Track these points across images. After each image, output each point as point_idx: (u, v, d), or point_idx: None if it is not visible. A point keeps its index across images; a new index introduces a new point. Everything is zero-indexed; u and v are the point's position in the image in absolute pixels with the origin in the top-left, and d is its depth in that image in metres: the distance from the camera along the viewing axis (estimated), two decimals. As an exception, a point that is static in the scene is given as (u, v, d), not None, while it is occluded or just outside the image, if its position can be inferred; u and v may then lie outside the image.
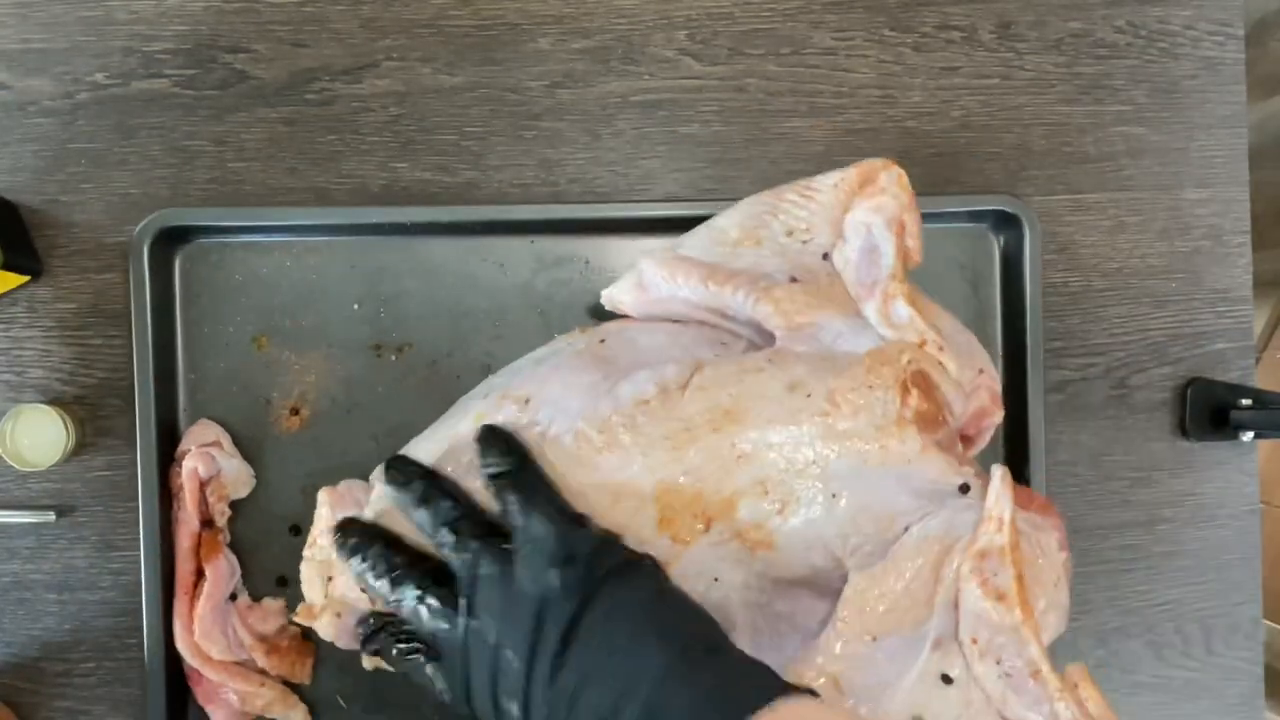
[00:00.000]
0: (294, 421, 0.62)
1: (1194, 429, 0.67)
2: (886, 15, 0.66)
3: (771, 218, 0.56)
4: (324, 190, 0.63)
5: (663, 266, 0.56)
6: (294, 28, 0.64)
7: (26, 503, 0.62)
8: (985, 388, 0.55)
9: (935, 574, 0.49)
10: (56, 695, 0.63)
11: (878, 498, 0.50)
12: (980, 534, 0.49)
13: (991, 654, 0.48)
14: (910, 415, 0.49)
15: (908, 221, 0.54)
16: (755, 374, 0.51)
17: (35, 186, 0.62)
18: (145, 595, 0.60)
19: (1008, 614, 0.48)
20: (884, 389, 0.49)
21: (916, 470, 0.49)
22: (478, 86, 0.64)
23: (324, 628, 0.51)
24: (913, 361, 0.50)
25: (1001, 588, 0.48)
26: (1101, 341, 0.67)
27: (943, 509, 0.50)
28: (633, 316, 0.58)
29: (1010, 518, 0.48)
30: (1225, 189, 0.68)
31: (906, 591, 0.49)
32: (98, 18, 0.63)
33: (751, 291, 0.53)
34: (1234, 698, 0.68)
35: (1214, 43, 0.67)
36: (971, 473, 0.51)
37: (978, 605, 0.48)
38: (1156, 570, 0.67)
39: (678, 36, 0.65)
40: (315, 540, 0.53)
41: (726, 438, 0.49)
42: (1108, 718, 0.48)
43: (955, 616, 0.49)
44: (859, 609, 0.49)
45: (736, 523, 0.50)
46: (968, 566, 0.48)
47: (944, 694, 0.49)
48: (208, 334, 0.62)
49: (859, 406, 0.49)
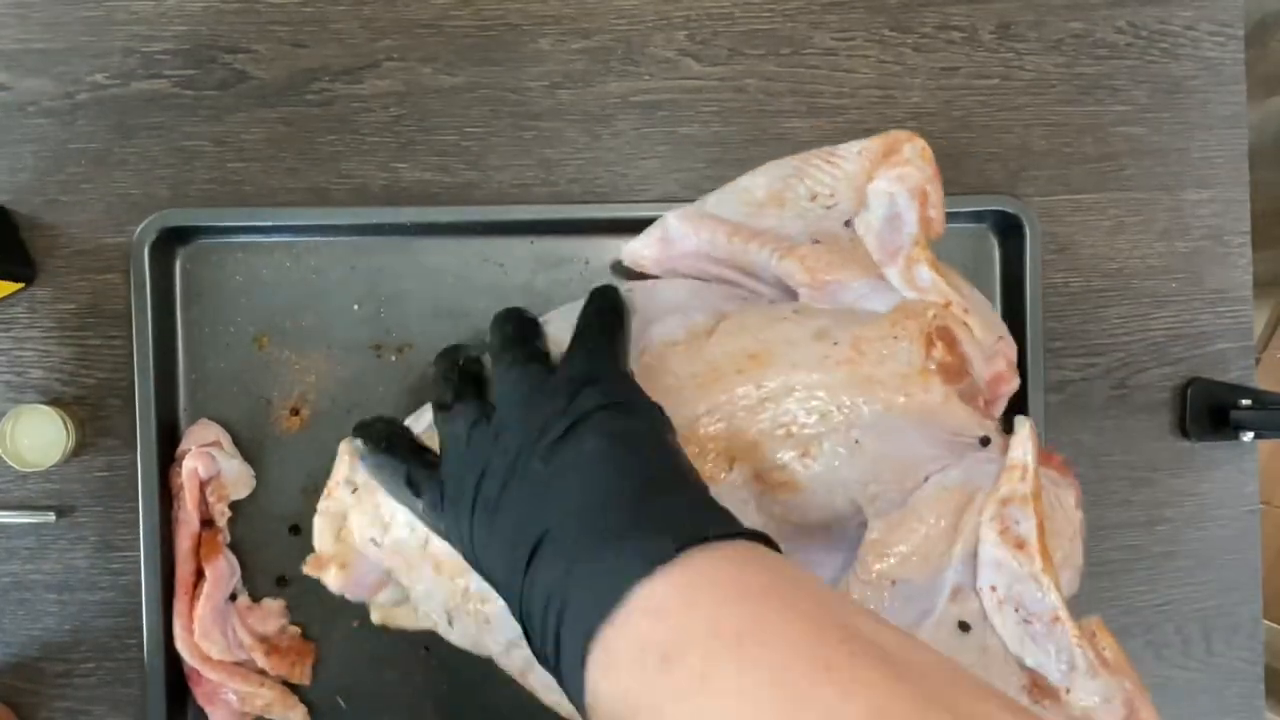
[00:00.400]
0: (294, 422, 0.62)
1: (1194, 429, 0.67)
2: (886, 15, 0.66)
3: (797, 181, 0.56)
4: (324, 190, 0.63)
5: (688, 221, 0.56)
6: (294, 28, 0.64)
7: (26, 503, 0.62)
8: (1003, 354, 0.55)
9: (955, 523, 0.50)
10: (56, 695, 0.63)
11: (899, 446, 0.50)
12: (1003, 482, 0.49)
13: (1010, 602, 0.49)
14: (934, 366, 0.50)
15: (930, 192, 0.55)
16: (782, 321, 0.52)
17: (35, 187, 0.62)
18: (145, 595, 0.60)
19: (1028, 561, 0.48)
20: (909, 340, 0.50)
21: (939, 420, 0.50)
22: (478, 86, 0.64)
23: (332, 578, 0.53)
24: (938, 316, 0.51)
25: (1022, 535, 0.48)
26: (1101, 341, 0.67)
27: (962, 460, 0.51)
28: (653, 273, 0.59)
29: (1035, 467, 0.49)
30: (1225, 189, 0.68)
31: (926, 539, 0.49)
32: (98, 18, 0.63)
33: (777, 249, 0.54)
34: (1234, 698, 0.68)
35: (1214, 43, 0.67)
36: (992, 426, 0.51)
37: (998, 553, 0.48)
38: (1156, 570, 0.67)
39: (678, 37, 0.65)
40: (331, 492, 0.54)
41: (752, 380, 0.50)
42: (1124, 666, 0.48)
43: (974, 566, 0.50)
44: (879, 554, 0.50)
45: (760, 464, 0.50)
46: (989, 513, 0.49)
47: (961, 641, 0.49)
48: (208, 334, 0.62)
49: (884, 355, 0.49)
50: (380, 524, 0.52)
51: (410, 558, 0.52)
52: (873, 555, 0.50)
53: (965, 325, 0.52)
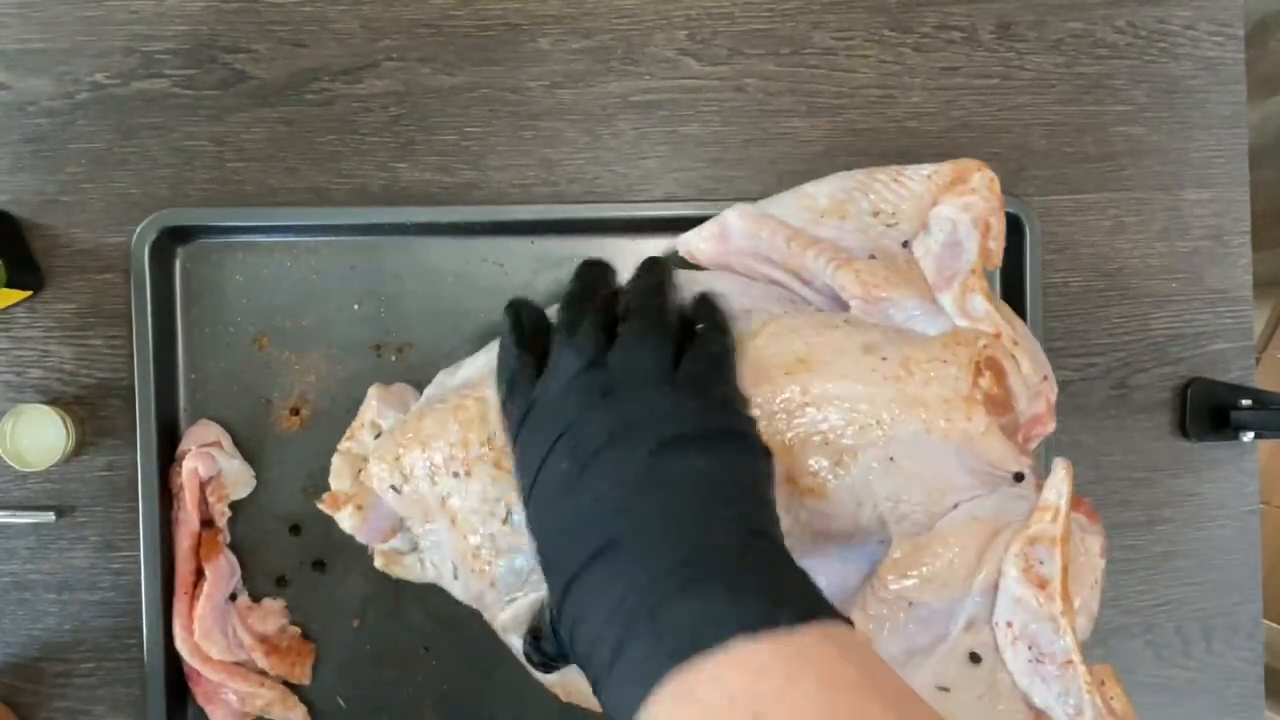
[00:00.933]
0: (294, 421, 0.62)
1: (1194, 429, 0.67)
2: (886, 15, 0.66)
3: (861, 195, 0.57)
4: (324, 190, 0.63)
5: (748, 219, 0.57)
6: (294, 28, 0.64)
7: (26, 503, 0.62)
8: (1045, 396, 0.55)
9: (979, 554, 0.50)
10: (56, 695, 0.63)
11: (933, 469, 0.50)
12: (1033, 520, 0.49)
13: (1024, 639, 0.49)
14: (980, 395, 0.50)
15: (993, 224, 0.55)
16: (832, 329, 0.52)
17: (35, 186, 0.62)
18: (145, 595, 0.60)
19: (1048, 603, 0.48)
20: (958, 365, 0.50)
21: (977, 449, 0.50)
22: (478, 86, 0.64)
23: (346, 519, 0.54)
24: (988, 347, 0.51)
25: (1046, 576, 0.49)
26: (1101, 341, 0.67)
27: (995, 493, 0.51)
28: (703, 266, 0.59)
29: (1067, 510, 0.49)
30: (1225, 189, 0.68)
31: (949, 565, 0.50)
32: (98, 18, 0.63)
33: (834, 259, 0.54)
34: (1234, 698, 0.68)
35: (1214, 43, 0.67)
36: (1028, 463, 0.52)
37: (1019, 590, 0.49)
38: (1156, 570, 0.67)
39: (678, 36, 0.65)
40: (354, 433, 0.57)
41: (798, 383, 0.50)
42: (1131, 717, 0.48)
43: (992, 599, 0.50)
44: (900, 573, 0.50)
45: (792, 467, 0.50)
46: (1015, 550, 0.49)
47: (970, 671, 0.50)
48: (208, 334, 0.62)
49: (931, 377, 0.50)
50: (401, 473, 0.53)
51: (429, 509, 0.53)
52: (893, 574, 0.50)
53: (1013, 359, 0.52)
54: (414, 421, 0.54)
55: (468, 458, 0.52)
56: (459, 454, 0.52)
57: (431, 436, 0.52)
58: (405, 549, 0.56)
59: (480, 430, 0.52)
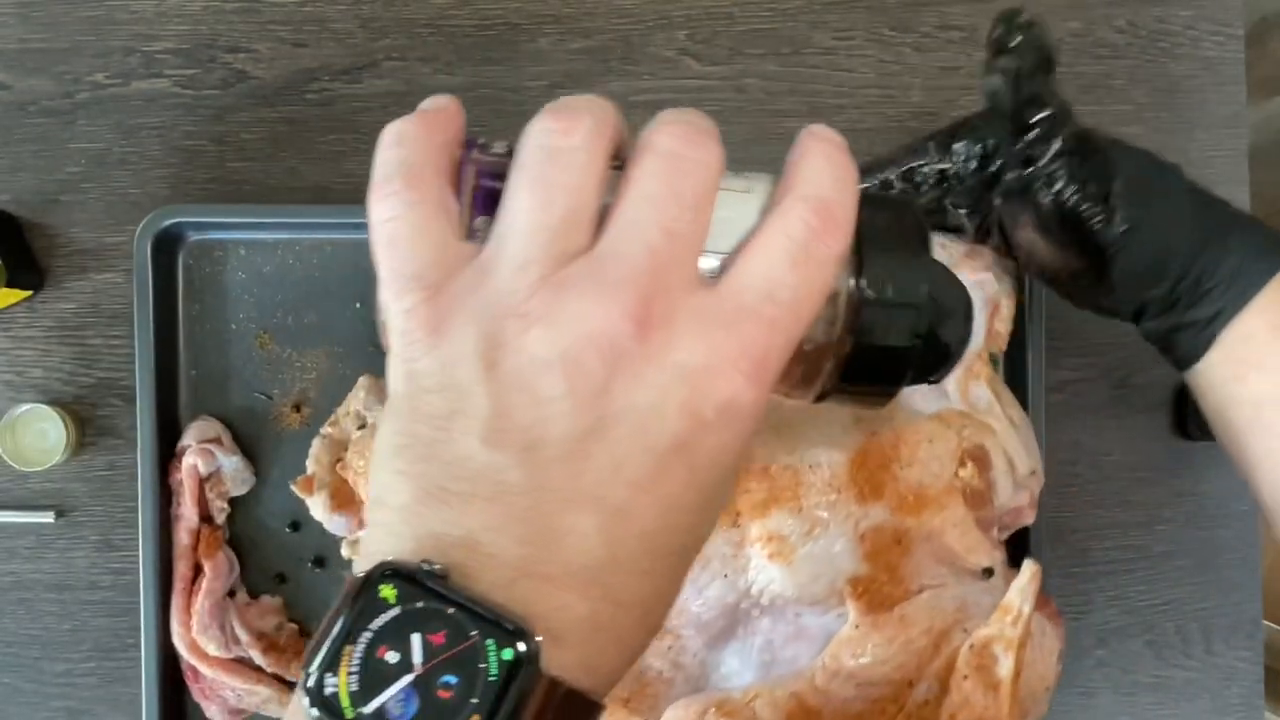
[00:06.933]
0: (295, 419, 0.62)
1: (1194, 429, 0.67)
2: (886, 15, 0.66)
3: None
4: (324, 190, 0.63)
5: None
6: (294, 28, 0.64)
7: (26, 503, 0.62)
8: (1029, 490, 0.55)
9: (936, 643, 0.49)
10: (56, 695, 0.63)
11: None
12: (994, 620, 0.49)
13: None
14: (960, 485, 0.50)
15: (1003, 306, 0.55)
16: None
17: (35, 186, 0.62)
18: (143, 591, 0.60)
19: (994, 706, 0.48)
20: (945, 449, 0.50)
21: (949, 539, 0.50)
22: (478, 86, 0.64)
23: (319, 505, 0.55)
24: (976, 435, 0.51)
25: (998, 678, 0.48)
26: (1101, 341, 0.67)
27: (960, 584, 0.50)
28: None
29: (1028, 615, 0.48)
30: (1225, 189, 0.67)
31: (904, 649, 0.49)
32: (98, 18, 0.63)
33: None
34: (1234, 698, 0.68)
35: (1214, 43, 0.67)
36: (1000, 559, 0.51)
37: (968, 686, 0.48)
38: (1156, 570, 0.67)
39: (678, 36, 0.65)
40: (338, 419, 0.56)
41: (779, 449, 0.50)
42: None
43: (941, 691, 0.49)
44: (853, 651, 0.49)
45: (763, 527, 0.50)
46: (971, 646, 0.49)
47: None
48: (210, 331, 0.62)
49: (915, 458, 0.49)
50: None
51: None
52: (847, 650, 0.49)
53: (1004, 453, 0.52)
54: None
55: None
56: None
57: None
58: None
59: None
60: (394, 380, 0.29)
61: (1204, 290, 0.45)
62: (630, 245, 0.27)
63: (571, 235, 0.28)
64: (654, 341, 0.27)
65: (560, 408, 0.26)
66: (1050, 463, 0.64)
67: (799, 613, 0.52)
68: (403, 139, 0.31)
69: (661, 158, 0.28)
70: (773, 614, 0.51)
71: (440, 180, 0.30)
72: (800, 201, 0.29)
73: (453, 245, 0.29)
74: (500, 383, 0.27)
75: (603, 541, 0.27)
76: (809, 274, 0.28)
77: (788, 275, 0.28)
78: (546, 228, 0.27)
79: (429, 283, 0.28)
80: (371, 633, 0.25)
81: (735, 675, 0.50)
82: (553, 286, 0.27)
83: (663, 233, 0.27)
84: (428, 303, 0.28)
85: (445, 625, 0.25)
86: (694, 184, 0.28)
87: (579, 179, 0.28)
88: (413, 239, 0.29)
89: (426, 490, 0.27)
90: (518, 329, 0.27)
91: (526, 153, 0.29)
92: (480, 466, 0.27)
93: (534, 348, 0.26)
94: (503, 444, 0.26)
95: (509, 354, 0.27)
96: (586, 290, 0.27)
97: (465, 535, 0.26)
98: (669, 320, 0.27)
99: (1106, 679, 0.66)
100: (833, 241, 0.29)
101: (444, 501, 0.27)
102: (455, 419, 0.27)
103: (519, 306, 0.27)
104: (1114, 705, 0.66)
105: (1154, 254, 0.46)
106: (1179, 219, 0.46)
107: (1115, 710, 0.66)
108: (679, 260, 0.28)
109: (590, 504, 0.27)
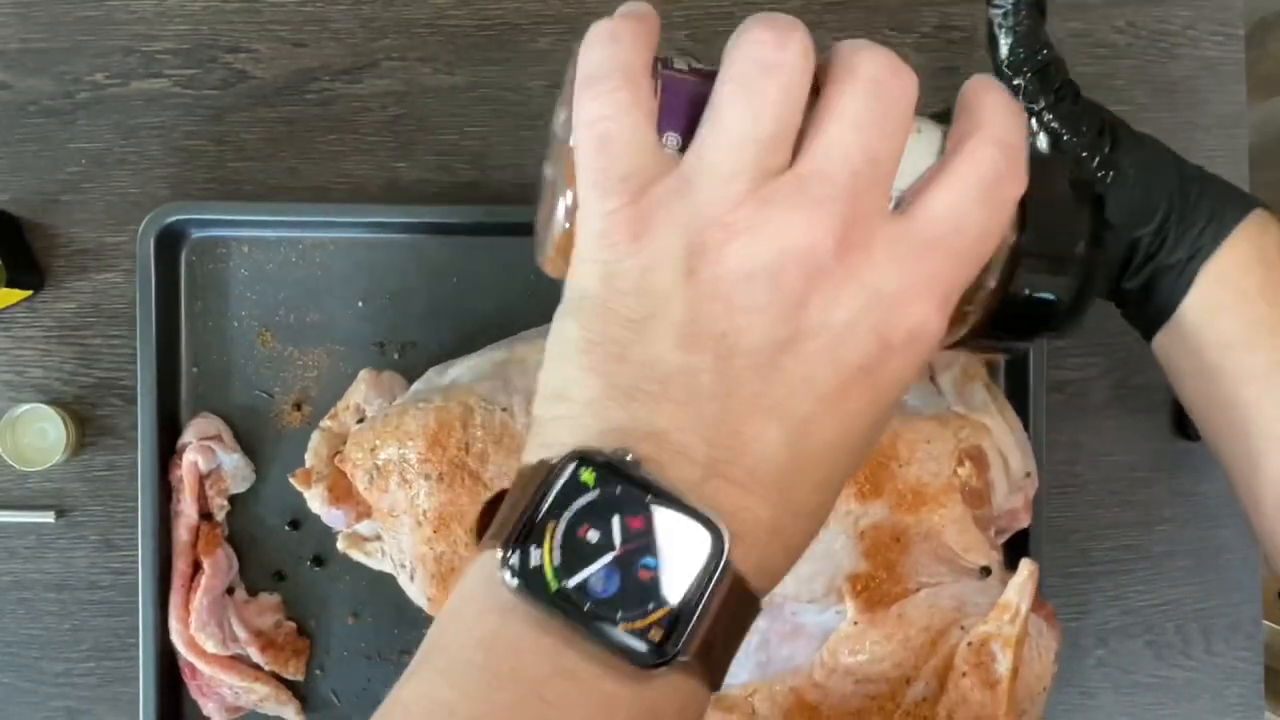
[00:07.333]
0: (296, 417, 0.62)
1: (1194, 429, 0.67)
2: (886, 15, 0.66)
3: None
4: (324, 190, 0.63)
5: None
6: (294, 28, 0.64)
7: (26, 503, 0.62)
8: (1025, 492, 0.56)
9: (934, 641, 0.50)
10: (56, 695, 0.63)
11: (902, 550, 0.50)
12: (991, 618, 0.49)
13: None
14: (958, 484, 0.50)
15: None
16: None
17: (35, 186, 0.62)
18: (142, 588, 0.60)
19: (992, 703, 0.48)
20: (943, 449, 0.50)
21: (947, 537, 0.50)
22: (478, 86, 0.64)
23: (316, 498, 0.55)
24: (974, 435, 0.51)
25: (995, 676, 0.48)
26: (1101, 341, 0.67)
27: (958, 582, 0.51)
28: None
29: (1026, 613, 0.49)
30: (1225, 189, 0.67)
31: (902, 647, 0.49)
32: (98, 18, 0.63)
33: None
34: (1234, 698, 0.68)
35: (1214, 43, 0.67)
36: (997, 559, 0.52)
37: (965, 684, 0.48)
38: (1156, 570, 0.67)
39: (678, 37, 0.65)
40: (337, 413, 0.56)
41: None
42: None
43: (938, 688, 0.49)
44: (851, 648, 0.50)
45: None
46: (969, 644, 0.49)
47: None
48: (211, 328, 0.62)
49: (913, 457, 0.50)
50: (375, 464, 0.53)
51: (396, 505, 0.53)
52: (845, 647, 0.50)
53: (1000, 454, 0.52)
54: (396, 416, 0.54)
55: (442, 461, 0.52)
56: (433, 456, 0.52)
57: (409, 434, 0.53)
58: (370, 535, 0.57)
59: (459, 435, 0.52)
60: (585, 279, 0.29)
61: (1187, 226, 0.45)
62: (835, 166, 0.28)
63: (777, 151, 0.28)
64: (852, 263, 0.27)
65: (757, 318, 0.27)
66: (1050, 463, 0.64)
67: (795, 610, 0.52)
68: (618, 36, 0.31)
69: (866, 83, 0.29)
70: (769, 611, 0.51)
71: (651, 84, 0.30)
72: (990, 144, 0.30)
73: (659, 152, 0.29)
74: (699, 290, 0.27)
75: (787, 451, 0.28)
76: (992, 214, 0.29)
77: (975, 212, 0.29)
78: (755, 141, 0.28)
79: (634, 187, 0.29)
80: (573, 512, 0.26)
81: (730, 674, 0.51)
82: (758, 200, 0.27)
83: (866, 157, 0.28)
84: (632, 205, 0.28)
85: (643, 510, 0.26)
86: (897, 113, 0.29)
87: (789, 95, 0.28)
88: (628, 140, 0.29)
89: (617, 387, 0.28)
90: (720, 239, 0.27)
91: (739, 64, 0.29)
92: (672, 369, 0.27)
93: (736, 258, 0.27)
94: (697, 349, 0.27)
95: (710, 263, 0.27)
96: (792, 206, 0.27)
97: (654, 431, 0.27)
98: (868, 244, 0.28)
99: (1106, 679, 0.66)
100: (1015, 186, 0.30)
101: (634, 399, 0.27)
102: (650, 322, 0.28)
103: (723, 217, 0.27)
104: (1114, 705, 0.66)
105: (1145, 190, 0.46)
106: (1164, 162, 0.47)
107: (1115, 710, 0.66)
108: (877, 186, 0.28)
109: (778, 413, 0.27)
